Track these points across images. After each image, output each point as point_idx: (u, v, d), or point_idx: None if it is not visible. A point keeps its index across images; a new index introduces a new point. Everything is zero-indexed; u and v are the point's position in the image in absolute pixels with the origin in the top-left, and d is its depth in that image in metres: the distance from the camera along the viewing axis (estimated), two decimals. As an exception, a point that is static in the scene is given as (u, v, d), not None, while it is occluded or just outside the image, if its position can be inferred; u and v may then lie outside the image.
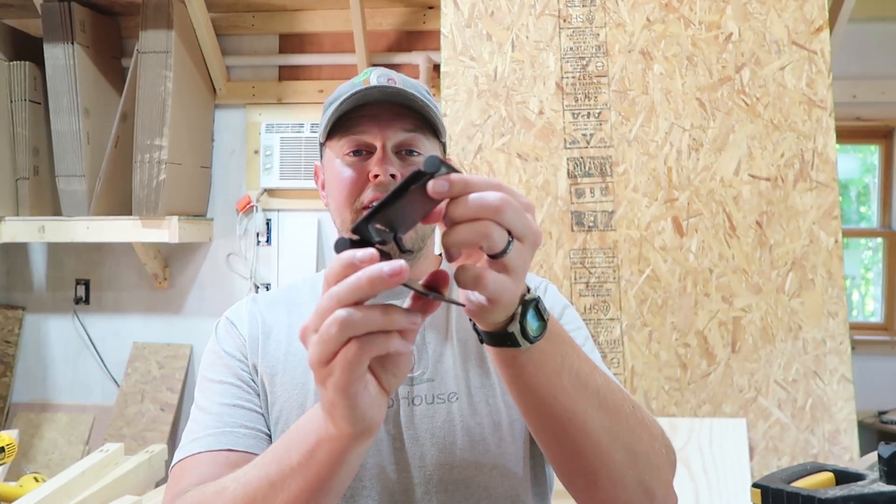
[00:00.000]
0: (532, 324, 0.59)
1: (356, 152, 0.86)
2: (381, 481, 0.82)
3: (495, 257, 0.53)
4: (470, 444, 0.83)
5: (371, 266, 0.49)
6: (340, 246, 0.51)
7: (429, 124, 0.88)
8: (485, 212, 0.50)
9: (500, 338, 0.60)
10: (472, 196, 0.50)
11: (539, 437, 0.69)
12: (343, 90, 0.88)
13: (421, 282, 0.55)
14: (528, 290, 0.60)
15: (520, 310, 0.59)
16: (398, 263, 0.49)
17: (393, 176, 0.84)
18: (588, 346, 0.90)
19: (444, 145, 0.94)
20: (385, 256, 0.51)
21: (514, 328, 0.59)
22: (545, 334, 0.60)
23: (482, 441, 0.83)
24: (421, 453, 0.82)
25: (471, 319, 0.61)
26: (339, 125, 0.87)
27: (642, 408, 0.75)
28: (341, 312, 0.50)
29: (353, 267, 0.50)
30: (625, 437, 0.68)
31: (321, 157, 0.95)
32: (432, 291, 0.55)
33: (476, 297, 0.55)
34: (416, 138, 0.87)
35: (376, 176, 0.83)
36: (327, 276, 0.51)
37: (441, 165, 0.50)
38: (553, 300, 0.94)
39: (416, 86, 0.90)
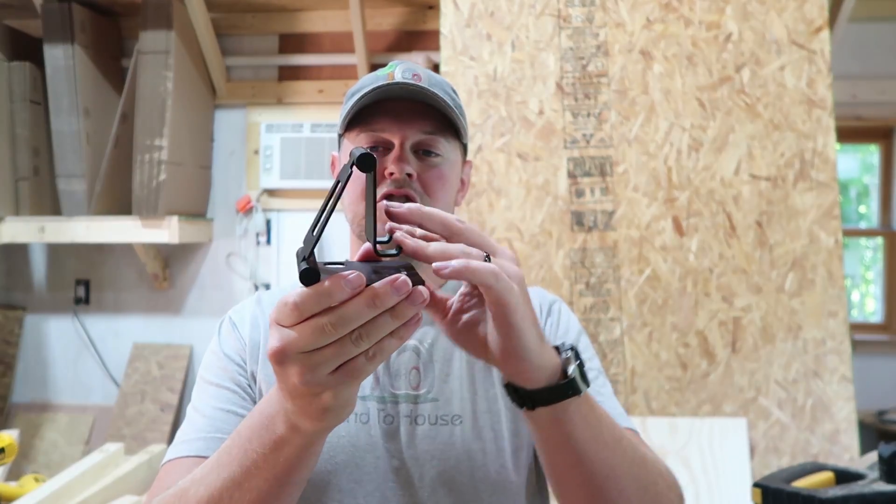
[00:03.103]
0: (582, 368, 0.62)
1: (373, 148, 0.85)
2: (378, 499, 0.81)
3: None
4: (471, 468, 0.82)
5: (382, 288, 0.49)
6: (310, 277, 0.49)
7: (450, 125, 0.87)
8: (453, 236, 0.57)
9: (558, 389, 0.60)
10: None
11: (572, 492, 0.67)
12: (366, 82, 0.87)
13: (356, 257, 0.54)
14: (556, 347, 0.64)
15: (570, 353, 0.62)
16: (402, 278, 0.49)
17: (409, 175, 0.83)
18: (601, 380, 0.90)
19: (465, 146, 0.93)
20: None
21: (575, 372, 0.61)
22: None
23: (483, 466, 0.82)
24: (420, 474, 0.81)
25: (519, 391, 0.61)
26: (359, 119, 0.86)
27: (657, 457, 0.76)
28: (377, 324, 0.50)
29: (346, 296, 0.49)
30: (649, 491, 0.68)
31: (339, 147, 0.94)
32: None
33: (494, 333, 0.58)
34: (435, 140, 0.86)
35: (392, 174, 0.82)
36: (300, 302, 0.49)
37: (373, 166, 0.52)
38: (567, 323, 0.94)
39: (441, 83, 0.88)
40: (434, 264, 0.53)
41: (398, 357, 0.86)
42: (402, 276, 0.49)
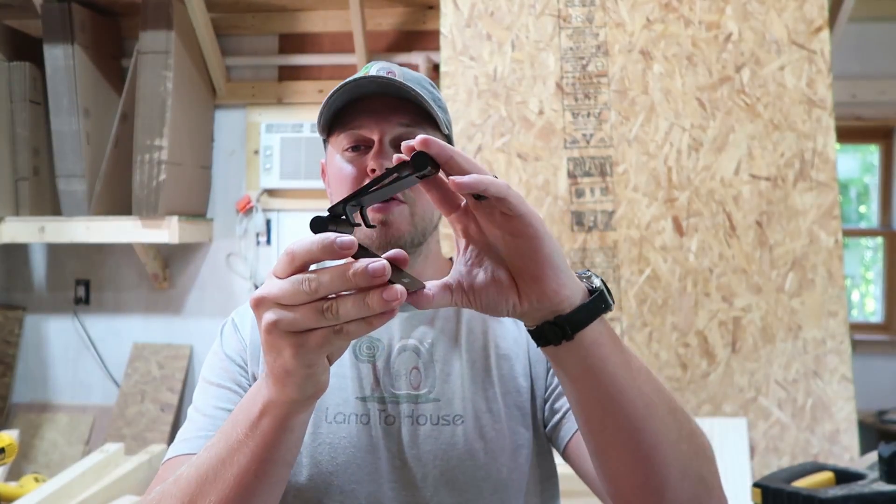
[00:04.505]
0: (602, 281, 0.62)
1: (355, 147, 0.86)
2: (379, 499, 0.81)
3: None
4: (473, 467, 0.82)
5: (360, 264, 0.51)
6: (317, 224, 0.53)
7: (429, 117, 0.87)
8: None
9: (591, 305, 0.58)
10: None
11: (613, 443, 0.64)
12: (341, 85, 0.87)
13: (385, 255, 0.55)
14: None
15: (587, 272, 0.61)
16: (381, 263, 0.51)
17: None
18: None
19: (447, 137, 0.92)
20: (363, 250, 0.53)
21: (600, 283, 0.60)
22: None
23: (485, 466, 0.82)
24: (423, 474, 0.81)
25: (553, 324, 0.58)
26: (338, 120, 0.87)
27: None
28: (344, 305, 0.51)
29: (332, 252, 0.51)
30: (685, 425, 0.66)
31: (325, 152, 0.94)
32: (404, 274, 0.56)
33: (519, 257, 0.56)
34: (414, 132, 0.85)
35: (373, 171, 0.83)
36: (295, 250, 0.52)
37: (428, 164, 0.53)
38: None
39: (417, 78, 0.89)
40: (452, 178, 0.53)
41: (398, 357, 0.86)
42: (383, 262, 0.51)
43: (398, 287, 0.51)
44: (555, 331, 0.59)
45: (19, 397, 3.25)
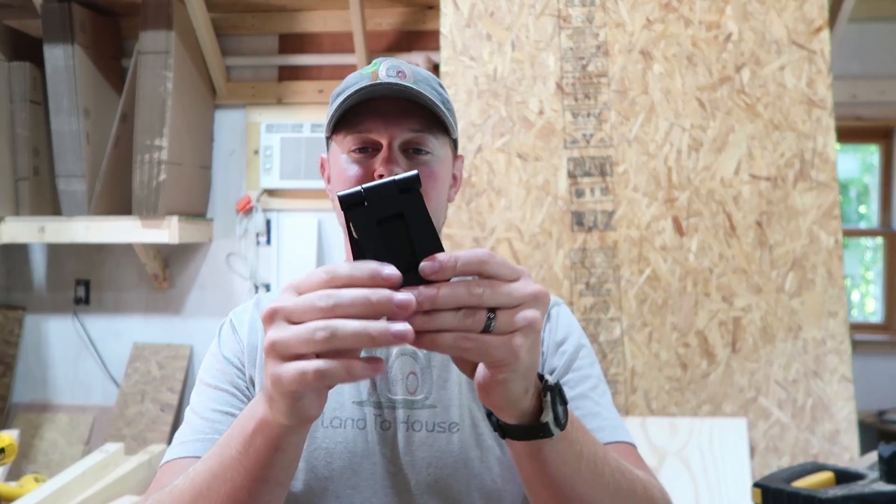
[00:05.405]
0: (560, 410, 0.60)
1: (362, 149, 0.84)
2: None
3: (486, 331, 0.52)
4: (467, 476, 0.81)
5: (385, 294, 0.49)
6: (347, 201, 0.50)
7: (438, 121, 0.85)
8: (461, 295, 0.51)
9: (530, 430, 0.59)
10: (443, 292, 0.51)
11: None
12: (350, 82, 0.85)
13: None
14: (542, 377, 0.61)
15: (549, 397, 0.59)
16: (408, 297, 0.49)
17: None
18: (601, 388, 0.87)
19: (455, 141, 0.91)
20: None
21: (548, 417, 0.59)
22: (569, 418, 0.61)
23: (479, 475, 0.81)
24: (416, 480, 0.80)
25: (493, 417, 0.60)
26: (346, 120, 0.85)
27: (651, 481, 0.74)
28: (343, 327, 0.49)
29: (373, 279, 0.50)
30: None
31: (327, 149, 0.92)
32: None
33: (482, 374, 0.55)
34: (424, 137, 0.84)
35: (381, 175, 0.81)
36: (338, 271, 0.51)
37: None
38: (568, 328, 0.90)
39: (427, 79, 0.87)
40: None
41: (395, 361, 0.85)
42: (410, 297, 0.49)
43: (405, 327, 0.49)
44: (491, 423, 0.61)
45: (19, 397, 3.25)
